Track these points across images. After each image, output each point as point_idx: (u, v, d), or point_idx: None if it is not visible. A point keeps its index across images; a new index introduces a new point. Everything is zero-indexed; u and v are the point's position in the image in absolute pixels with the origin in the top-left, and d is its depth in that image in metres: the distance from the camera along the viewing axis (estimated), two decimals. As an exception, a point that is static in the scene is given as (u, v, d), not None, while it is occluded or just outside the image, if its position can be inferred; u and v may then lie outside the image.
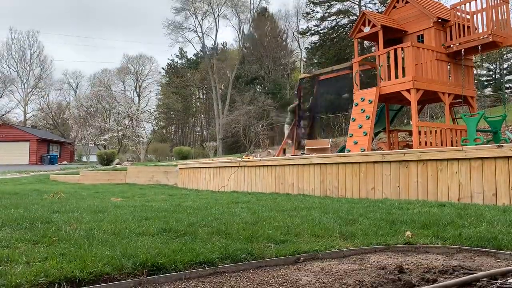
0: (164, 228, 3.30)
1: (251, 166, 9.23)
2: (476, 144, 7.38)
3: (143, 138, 42.22)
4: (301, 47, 47.39)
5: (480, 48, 8.93)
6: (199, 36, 48.07)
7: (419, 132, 8.51)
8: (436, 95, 9.18)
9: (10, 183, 12.98)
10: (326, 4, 38.08)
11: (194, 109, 58.98)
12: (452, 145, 8.68)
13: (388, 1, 10.33)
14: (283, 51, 46.11)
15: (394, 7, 10.07)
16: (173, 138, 59.00)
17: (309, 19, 40.40)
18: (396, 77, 9.04)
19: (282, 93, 40.81)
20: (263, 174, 8.79)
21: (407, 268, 2.29)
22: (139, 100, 56.12)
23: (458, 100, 9.66)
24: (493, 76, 35.16)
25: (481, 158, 5.19)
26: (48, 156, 39.04)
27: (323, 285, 2.10)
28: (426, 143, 8.51)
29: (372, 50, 23.67)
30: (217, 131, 43.19)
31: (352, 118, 9.49)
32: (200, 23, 47.35)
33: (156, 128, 54.47)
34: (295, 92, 12.33)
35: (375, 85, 9.33)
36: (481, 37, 8.78)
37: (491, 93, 29.08)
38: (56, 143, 44.87)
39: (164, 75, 58.55)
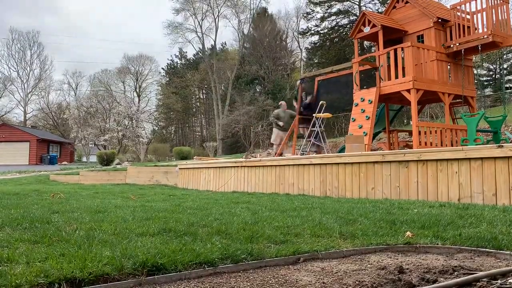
0: (164, 228, 3.30)
1: (251, 166, 9.23)
2: (476, 144, 7.38)
3: (143, 138, 42.25)
4: (301, 47, 47.44)
5: (480, 48, 8.94)
6: (198, 37, 48.13)
7: (419, 132, 8.51)
8: (436, 95, 9.18)
9: (10, 183, 12.97)
10: (326, 4, 38.13)
11: (194, 109, 59.00)
12: (452, 145, 8.68)
13: (388, 1, 10.33)
14: (283, 51, 46.11)
15: (394, 7, 10.07)
16: (173, 138, 59.00)
17: (309, 19, 40.50)
18: (396, 77, 9.05)
19: (282, 93, 40.81)
20: (263, 174, 8.79)
21: (407, 268, 2.29)
22: (139, 100, 56.12)
23: (458, 100, 9.67)
24: (493, 76, 35.16)
25: (481, 158, 5.19)
26: (48, 156, 39.02)
27: (323, 285, 2.10)
28: (426, 143, 8.51)
29: (372, 50, 23.68)
30: (217, 131, 43.20)
31: (352, 118, 9.49)
32: (200, 23, 47.42)
33: (156, 128, 54.50)
34: (296, 92, 12.31)
35: (375, 85, 9.34)
36: (481, 37, 8.78)
37: (491, 93, 29.09)
38: (56, 143, 44.86)
39: (164, 75, 58.59)
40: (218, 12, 47.01)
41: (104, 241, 2.80)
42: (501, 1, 8.87)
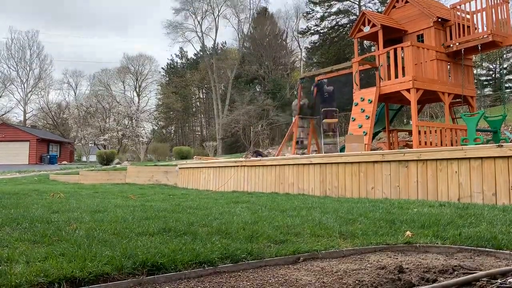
0: (164, 228, 3.30)
1: (251, 166, 9.23)
2: (476, 144, 7.38)
3: (142, 138, 42.24)
4: (301, 47, 47.46)
5: (480, 48, 8.94)
6: (198, 36, 48.12)
7: (419, 132, 8.51)
8: (436, 95, 9.19)
9: (10, 183, 12.97)
10: (326, 4, 38.11)
11: (194, 109, 58.99)
12: (452, 145, 8.68)
13: (388, 1, 10.33)
14: (283, 50, 46.11)
15: (394, 6, 10.07)
16: (173, 138, 58.97)
17: (309, 19, 40.48)
18: (396, 76, 9.05)
19: (282, 93, 40.81)
20: (263, 174, 8.78)
21: (407, 268, 2.29)
22: (139, 99, 56.11)
23: (458, 100, 9.67)
24: (493, 75, 35.17)
25: (481, 158, 5.19)
26: (48, 156, 39.02)
27: (323, 284, 2.10)
28: (426, 143, 8.51)
29: (372, 50, 23.68)
30: (217, 131, 43.19)
31: (352, 118, 9.49)
32: (200, 23, 47.42)
33: (156, 128, 54.47)
34: (296, 92, 12.37)
35: (375, 84, 9.34)
36: (481, 37, 8.79)
37: (491, 92, 29.09)
38: (56, 143, 44.85)
39: (163, 75, 58.57)
40: (218, 12, 47.05)
41: (104, 241, 2.80)
42: (501, 0, 8.87)
